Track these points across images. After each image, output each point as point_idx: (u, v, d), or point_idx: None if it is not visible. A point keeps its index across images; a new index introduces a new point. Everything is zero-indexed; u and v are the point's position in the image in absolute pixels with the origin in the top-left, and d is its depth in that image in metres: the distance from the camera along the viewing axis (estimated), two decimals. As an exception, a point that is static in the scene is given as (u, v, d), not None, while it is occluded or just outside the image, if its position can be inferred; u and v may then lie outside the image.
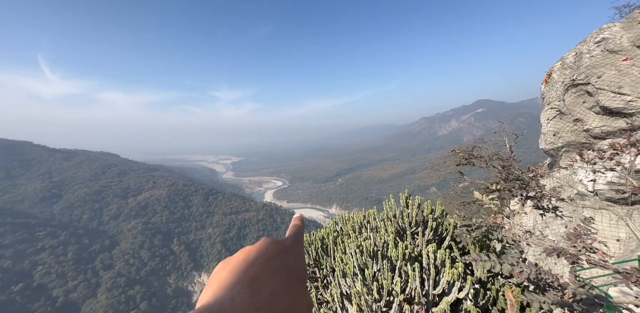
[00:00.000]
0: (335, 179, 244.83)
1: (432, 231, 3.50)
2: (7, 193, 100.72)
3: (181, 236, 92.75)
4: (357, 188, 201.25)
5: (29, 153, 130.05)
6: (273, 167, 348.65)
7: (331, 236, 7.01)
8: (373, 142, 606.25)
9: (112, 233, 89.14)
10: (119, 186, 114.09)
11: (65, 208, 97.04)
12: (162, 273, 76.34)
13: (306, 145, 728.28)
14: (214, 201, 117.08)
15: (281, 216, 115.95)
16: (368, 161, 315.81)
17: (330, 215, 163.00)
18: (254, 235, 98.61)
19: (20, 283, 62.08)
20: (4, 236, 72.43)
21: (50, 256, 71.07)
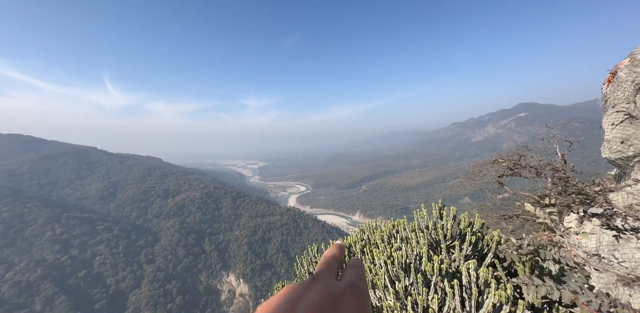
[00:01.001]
0: (358, 185, 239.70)
1: (471, 246, 3.24)
2: (77, 191, 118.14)
3: (212, 237, 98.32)
4: (382, 195, 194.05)
5: (93, 157, 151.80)
6: (297, 172, 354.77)
7: (358, 244, 6.87)
8: (398, 148, 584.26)
9: (154, 230, 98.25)
10: (160, 187, 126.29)
11: (119, 206, 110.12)
12: (195, 271, 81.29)
13: (329, 151, 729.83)
14: (241, 204, 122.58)
15: (304, 221, 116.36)
16: (393, 168, 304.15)
17: (354, 222, 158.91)
18: (278, 239, 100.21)
19: (83, 270, 71.28)
20: (73, 228, 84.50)
21: (106, 248, 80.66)
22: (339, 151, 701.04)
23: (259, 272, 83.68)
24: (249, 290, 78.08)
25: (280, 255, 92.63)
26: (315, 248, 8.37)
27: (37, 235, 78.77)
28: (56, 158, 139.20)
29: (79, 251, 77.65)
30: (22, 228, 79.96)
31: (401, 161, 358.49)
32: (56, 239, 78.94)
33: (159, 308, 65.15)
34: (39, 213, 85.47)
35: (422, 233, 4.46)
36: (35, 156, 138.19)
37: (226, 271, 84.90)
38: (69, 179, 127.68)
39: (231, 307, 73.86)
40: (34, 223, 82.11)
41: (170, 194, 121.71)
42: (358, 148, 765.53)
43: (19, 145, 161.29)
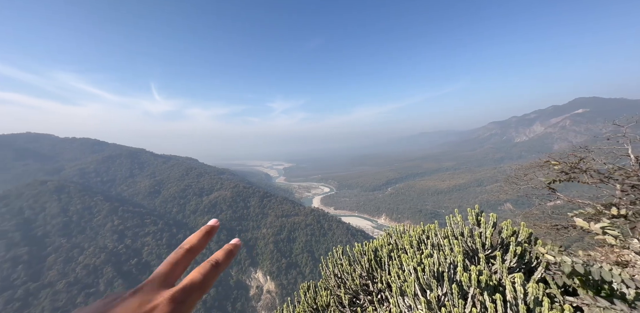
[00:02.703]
0: (384, 188, 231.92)
1: (516, 257, 2.92)
2: (130, 187, 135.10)
3: (241, 234, 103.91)
4: (409, 198, 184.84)
5: (142, 158, 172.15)
6: (321, 173, 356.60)
7: (385, 249, 6.67)
8: (428, 149, 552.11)
9: (191, 225, 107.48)
10: (197, 186, 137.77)
11: (162, 202, 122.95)
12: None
13: (353, 152, 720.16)
14: (267, 203, 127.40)
15: (328, 222, 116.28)
16: (422, 170, 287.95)
17: (380, 225, 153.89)
18: (303, 239, 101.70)
19: (135, 258, 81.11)
20: (127, 220, 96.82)
21: (152, 240, 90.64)
22: (362, 152, 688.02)
23: (285, 271, 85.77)
24: (275, 287, 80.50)
25: (305, 255, 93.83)
26: (340, 250, 8.32)
27: (100, 226, 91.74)
28: (114, 158, 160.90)
29: (132, 241, 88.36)
30: (90, 219, 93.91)
31: (430, 163, 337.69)
32: (114, 229, 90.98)
33: (195, 297, 70.84)
34: (102, 206, 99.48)
35: (457, 240, 4.16)
36: (99, 157, 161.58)
37: (254, 267, 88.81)
38: (123, 177, 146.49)
39: (259, 302, 76.87)
40: (98, 215, 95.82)
41: (204, 193, 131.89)
42: (383, 149, 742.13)
43: (88, 147, 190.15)
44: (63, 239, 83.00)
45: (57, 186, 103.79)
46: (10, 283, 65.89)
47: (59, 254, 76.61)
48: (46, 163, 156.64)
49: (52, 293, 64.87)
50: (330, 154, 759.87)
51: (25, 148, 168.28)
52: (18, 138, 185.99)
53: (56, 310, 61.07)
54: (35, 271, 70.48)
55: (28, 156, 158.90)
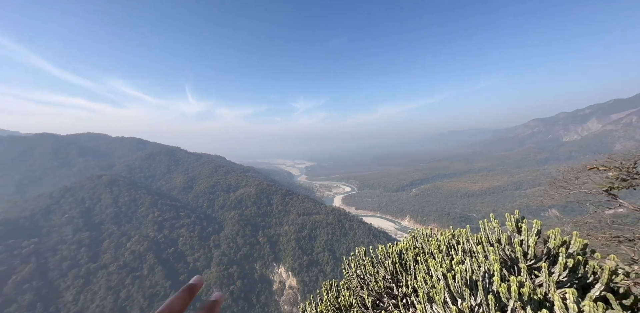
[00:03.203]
0: (408, 188, 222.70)
1: (567, 271, 2.59)
2: (168, 183, 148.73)
3: (265, 230, 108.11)
4: (436, 200, 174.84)
5: (178, 155, 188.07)
6: (342, 173, 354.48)
7: (411, 252, 6.42)
8: (456, 149, 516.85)
9: (219, 219, 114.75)
10: (224, 182, 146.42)
11: (194, 197, 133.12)
12: (251, 259, 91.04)
13: (375, 151, 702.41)
14: (289, 201, 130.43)
15: (349, 222, 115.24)
16: (450, 171, 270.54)
17: (403, 227, 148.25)
18: (324, 238, 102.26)
19: (171, 247, 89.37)
20: (165, 213, 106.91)
21: (186, 231, 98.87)
22: (385, 151, 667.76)
23: (306, 268, 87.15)
24: (297, 283, 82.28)
25: (326, 254, 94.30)
26: (362, 250, 8.22)
27: (144, 216, 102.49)
28: (155, 156, 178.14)
29: (169, 231, 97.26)
30: (135, 210, 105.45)
31: (460, 163, 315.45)
32: (155, 220, 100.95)
33: (224, 288, 75.53)
34: (145, 199, 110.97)
35: (492, 247, 3.84)
36: (142, 154, 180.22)
37: (277, 263, 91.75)
38: (162, 173, 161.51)
39: (282, 297, 79.30)
40: (142, 207, 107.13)
41: (231, 189, 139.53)
42: (407, 149, 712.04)
43: (134, 146, 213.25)
44: (114, 227, 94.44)
45: (109, 180, 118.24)
46: (76, 262, 76.99)
47: (112, 240, 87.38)
48: (101, 159, 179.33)
49: (107, 273, 74.33)
50: (352, 153, 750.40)
51: (86, 146, 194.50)
52: (80, 137, 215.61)
53: (110, 288, 69.87)
54: (94, 253, 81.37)
55: (88, 153, 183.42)
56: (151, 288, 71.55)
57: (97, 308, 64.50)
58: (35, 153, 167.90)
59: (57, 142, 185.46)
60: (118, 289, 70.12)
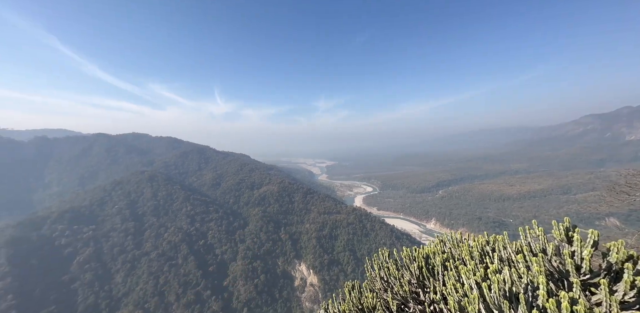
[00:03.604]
0: (434, 190, 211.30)
1: (636, 291, 2.21)
2: (198, 179, 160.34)
3: (286, 227, 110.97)
4: (465, 203, 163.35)
5: (207, 154, 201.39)
6: (363, 172, 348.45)
7: (439, 257, 6.12)
8: (490, 149, 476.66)
9: (244, 215, 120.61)
10: (249, 180, 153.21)
11: (222, 193, 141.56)
12: (273, 255, 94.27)
13: (398, 151, 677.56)
14: (310, 199, 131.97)
15: (371, 222, 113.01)
16: (482, 172, 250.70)
17: (428, 230, 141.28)
18: (344, 237, 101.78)
19: (202, 240, 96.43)
20: (196, 207, 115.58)
21: (215, 225, 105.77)
22: (409, 151, 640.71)
23: (327, 267, 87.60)
24: (318, 281, 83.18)
25: (346, 254, 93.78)
26: (386, 252, 8.02)
27: (178, 210, 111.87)
28: (187, 154, 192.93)
29: (200, 225, 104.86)
30: (171, 204, 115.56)
31: (493, 164, 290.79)
32: (187, 214, 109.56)
33: (248, 281, 79.39)
34: (179, 194, 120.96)
35: (536, 257, 3.48)
36: (177, 152, 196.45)
37: (298, 260, 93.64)
38: (193, 170, 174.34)
39: (303, 294, 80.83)
40: (177, 201, 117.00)
41: (255, 186, 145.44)
42: (433, 148, 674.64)
43: (170, 144, 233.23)
44: (154, 218, 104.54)
45: (150, 175, 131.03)
46: (124, 249, 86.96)
47: (152, 230, 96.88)
48: (143, 156, 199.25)
49: (148, 260, 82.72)
50: (373, 152, 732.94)
51: (131, 145, 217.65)
52: (127, 137, 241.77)
53: (151, 274, 77.67)
54: (138, 241, 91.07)
55: (133, 151, 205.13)
56: (185, 276, 77.92)
57: (141, 291, 72.13)
58: (92, 151, 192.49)
59: (109, 141, 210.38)
60: (157, 275, 77.60)
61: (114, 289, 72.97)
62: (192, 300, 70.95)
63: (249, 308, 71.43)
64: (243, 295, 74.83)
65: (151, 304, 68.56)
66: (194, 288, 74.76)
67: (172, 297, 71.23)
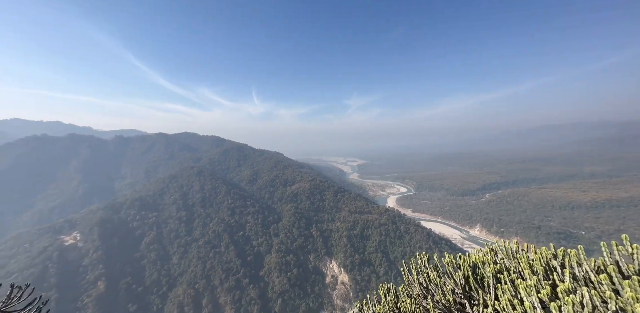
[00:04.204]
0: (479, 193, 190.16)
1: None
2: (238, 175, 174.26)
3: (317, 224, 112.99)
4: (520, 209, 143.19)
5: (245, 151, 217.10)
6: (397, 172, 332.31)
7: (489, 267, 5.53)
8: (554, 148, 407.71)
9: (278, 211, 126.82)
10: (282, 177, 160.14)
11: (258, 189, 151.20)
12: (305, 250, 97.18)
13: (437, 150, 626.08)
14: (341, 198, 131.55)
15: (405, 225, 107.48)
16: (542, 175, 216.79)
17: (471, 236, 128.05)
18: (376, 238, 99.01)
19: (240, 232, 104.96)
20: (236, 201, 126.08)
21: (252, 219, 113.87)
22: (449, 150, 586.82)
23: (358, 267, 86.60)
24: (349, 280, 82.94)
25: (378, 255, 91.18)
26: (425, 257, 7.54)
27: (221, 202, 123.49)
28: (228, 151, 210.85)
29: (239, 217, 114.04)
30: (215, 196, 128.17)
31: (559, 166, 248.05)
32: (228, 206, 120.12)
33: (282, 273, 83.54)
34: (222, 188, 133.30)
35: (629, 280, 2.85)
36: (220, 150, 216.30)
37: (329, 257, 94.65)
38: (233, 166, 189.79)
39: (334, 291, 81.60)
40: (219, 194, 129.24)
41: (288, 183, 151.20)
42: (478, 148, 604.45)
43: (214, 143, 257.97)
44: (201, 209, 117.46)
45: (198, 170, 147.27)
46: (178, 234, 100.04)
47: (200, 220, 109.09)
48: (193, 153, 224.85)
49: (197, 246, 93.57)
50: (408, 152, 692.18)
51: (184, 143, 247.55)
52: (181, 136, 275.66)
53: (199, 258, 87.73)
54: (188, 229, 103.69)
55: (185, 148, 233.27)
56: (227, 263, 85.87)
57: (192, 272, 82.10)
58: (154, 148, 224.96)
59: (167, 139, 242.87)
60: (205, 260, 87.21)
61: (171, 269, 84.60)
62: (232, 285, 77.88)
63: (283, 300, 75.17)
64: (277, 286, 79.06)
65: (200, 285, 77.49)
66: (234, 275, 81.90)
67: (216, 281, 79.32)
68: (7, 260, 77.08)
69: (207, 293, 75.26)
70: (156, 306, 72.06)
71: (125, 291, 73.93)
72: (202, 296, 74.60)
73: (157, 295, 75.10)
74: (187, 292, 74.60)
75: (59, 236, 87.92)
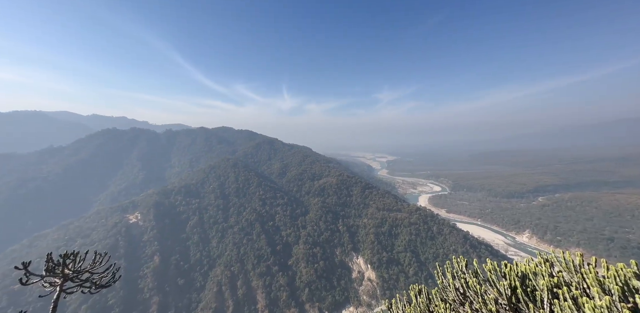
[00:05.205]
0: (529, 196, 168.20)
1: None
2: (269, 168, 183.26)
3: (344, 219, 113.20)
4: (584, 217, 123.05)
5: (276, 145, 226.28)
6: (430, 169, 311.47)
7: (543, 280, 4.88)
8: (635, 146, 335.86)
9: (306, 204, 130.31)
10: (310, 171, 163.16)
11: (286, 182, 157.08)
12: (332, 244, 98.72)
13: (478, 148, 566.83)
14: (369, 194, 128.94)
15: (438, 225, 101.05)
16: (617, 178, 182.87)
17: (518, 243, 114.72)
18: (405, 237, 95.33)
19: (270, 222, 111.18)
20: (267, 192, 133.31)
21: (281, 210, 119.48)
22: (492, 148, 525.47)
23: (386, 265, 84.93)
24: (376, 277, 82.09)
25: (407, 254, 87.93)
26: (463, 262, 6.97)
27: (253, 193, 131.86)
28: (261, 145, 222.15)
29: (269, 208, 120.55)
30: (248, 187, 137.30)
31: (637, 167, 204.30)
32: (260, 197, 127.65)
33: (309, 264, 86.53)
34: (254, 180, 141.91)
35: None
36: (253, 143, 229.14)
37: (356, 253, 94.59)
38: (265, 159, 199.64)
39: (361, 287, 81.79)
40: (252, 185, 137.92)
41: (315, 178, 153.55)
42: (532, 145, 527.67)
43: (248, 136, 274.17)
44: (236, 198, 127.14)
45: (233, 163, 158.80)
46: (216, 220, 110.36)
47: (235, 208, 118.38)
48: (229, 146, 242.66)
49: (232, 233, 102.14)
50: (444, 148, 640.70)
51: (221, 136, 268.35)
52: (219, 130, 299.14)
53: (235, 244, 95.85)
54: (225, 216, 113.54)
55: (222, 141, 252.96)
56: (258, 250, 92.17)
57: (228, 256, 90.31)
58: (196, 141, 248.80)
59: (207, 133, 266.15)
60: (239, 245, 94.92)
61: (210, 251, 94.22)
62: (264, 271, 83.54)
63: (310, 290, 78.09)
64: (305, 276, 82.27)
65: (235, 268, 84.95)
66: (265, 261, 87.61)
67: (249, 266, 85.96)
68: (91, 230, 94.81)
69: (241, 276, 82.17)
70: (199, 282, 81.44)
71: (175, 267, 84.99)
72: (237, 278, 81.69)
73: (200, 273, 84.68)
74: (224, 273, 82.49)
75: (125, 215, 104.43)
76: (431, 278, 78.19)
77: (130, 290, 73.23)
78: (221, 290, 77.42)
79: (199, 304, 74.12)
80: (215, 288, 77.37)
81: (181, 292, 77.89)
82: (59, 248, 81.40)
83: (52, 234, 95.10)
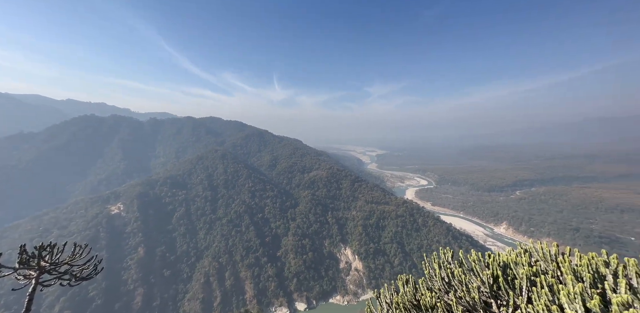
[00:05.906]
0: (509, 190, 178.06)
1: None
2: (258, 160, 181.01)
3: (333, 212, 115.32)
4: (556, 209, 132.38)
5: (266, 137, 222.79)
6: (418, 164, 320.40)
7: (523, 269, 5.19)
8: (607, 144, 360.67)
9: (295, 196, 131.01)
10: (300, 164, 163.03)
11: (276, 174, 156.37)
12: (320, 236, 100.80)
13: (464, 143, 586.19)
14: (358, 187, 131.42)
15: (423, 218, 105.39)
16: (587, 173, 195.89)
17: (496, 234, 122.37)
18: (392, 229, 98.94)
19: (260, 214, 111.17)
20: (256, 185, 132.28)
21: (271, 203, 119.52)
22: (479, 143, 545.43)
23: (372, 255, 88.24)
24: (363, 268, 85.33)
25: (394, 245, 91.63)
26: (449, 253, 7.26)
27: (242, 185, 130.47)
28: (250, 137, 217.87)
29: (259, 200, 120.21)
30: (237, 179, 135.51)
31: (610, 164, 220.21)
32: (249, 189, 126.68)
33: (298, 255, 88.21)
34: (243, 171, 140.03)
35: None
36: (242, 135, 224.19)
37: (344, 244, 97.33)
38: (254, 151, 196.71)
39: (348, 276, 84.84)
40: (241, 177, 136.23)
41: (306, 170, 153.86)
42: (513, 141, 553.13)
43: (237, 127, 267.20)
44: (224, 190, 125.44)
45: (222, 154, 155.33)
46: (204, 212, 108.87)
47: (223, 200, 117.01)
48: (217, 137, 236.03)
49: (220, 225, 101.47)
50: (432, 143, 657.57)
51: (209, 127, 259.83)
52: (206, 120, 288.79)
53: (223, 236, 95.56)
54: (213, 208, 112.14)
55: (210, 132, 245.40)
56: (247, 242, 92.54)
57: (216, 248, 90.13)
58: (183, 131, 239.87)
59: (194, 123, 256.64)
60: (227, 237, 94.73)
61: (198, 243, 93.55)
62: (252, 262, 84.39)
63: (298, 280, 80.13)
64: (293, 267, 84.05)
65: (224, 259, 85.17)
66: (254, 253, 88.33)
67: (237, 257, 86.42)
68: (69, 222, 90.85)
69: (229, 267, 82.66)
70: (186, 274, 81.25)
71: (160, 258, 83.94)
72: (225, 269, 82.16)
73: (187, 264, 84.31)
74: (212, 264, 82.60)
75: (106, 206, 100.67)
76: (414, 268, 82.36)
77: (112, 282, 71.93)
78: (209, 281, 77.77)
79: (186, 295, 74.32)
80: (202, 279, 77.57)
81: (167, 283, 77.48)
82: (32, 240, 77.57)
83: (25, 225, 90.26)
